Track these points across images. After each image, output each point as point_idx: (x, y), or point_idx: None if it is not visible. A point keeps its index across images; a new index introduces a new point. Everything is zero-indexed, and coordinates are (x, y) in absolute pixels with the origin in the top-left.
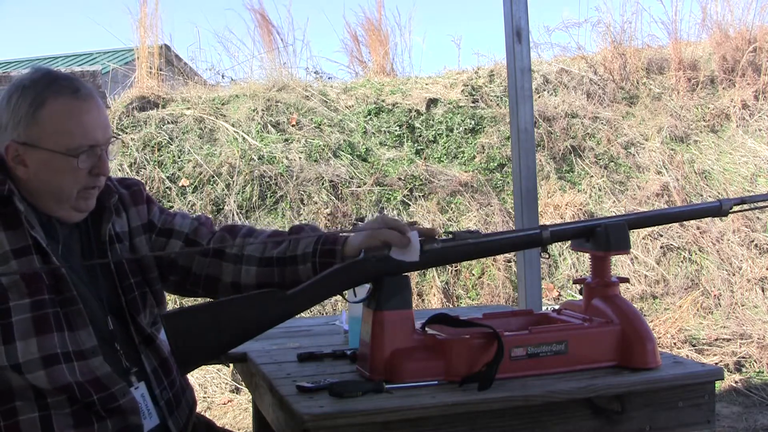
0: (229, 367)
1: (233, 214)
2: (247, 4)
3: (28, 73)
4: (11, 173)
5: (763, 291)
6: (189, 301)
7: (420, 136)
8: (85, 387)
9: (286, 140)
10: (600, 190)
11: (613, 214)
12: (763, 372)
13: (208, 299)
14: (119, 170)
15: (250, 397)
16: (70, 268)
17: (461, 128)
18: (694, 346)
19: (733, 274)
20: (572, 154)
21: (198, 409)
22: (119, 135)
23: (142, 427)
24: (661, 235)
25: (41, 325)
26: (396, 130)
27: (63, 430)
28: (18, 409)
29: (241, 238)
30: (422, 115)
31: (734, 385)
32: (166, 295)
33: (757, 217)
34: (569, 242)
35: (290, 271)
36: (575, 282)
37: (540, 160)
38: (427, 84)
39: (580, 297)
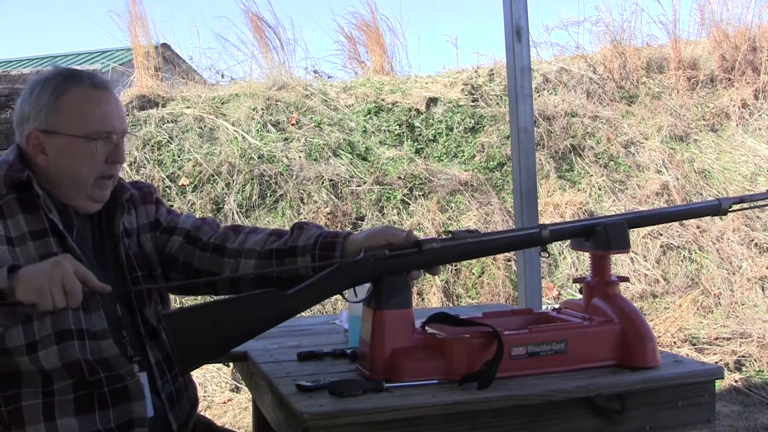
0: (229, 366)
1: (233, 213)
2: (240, 7)
3: (50, 69)
4: (30, 162)
5: (763, 290)
6: (189, 301)
7: (420, 135)
8: (93, 365)
9: (286, 139)
10: (600, 189)
11: (613, 213)
12: (763, 371)
13: (208, 298)
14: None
15: (250, 396)
16: (83, 254)
17: (461, 127)
18: (694, 345)
19: (733, 273)
20: (572, 153)
21: (198, 408)
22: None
23: (146, 420)
24: (661, 234)
25: None
26: (396, 129)
27: (63, 417)
28: (22, 395)
29: (244, 235)
30: (422, 114)
31: (734, 384)
32: (170, 297)
33: (757, 216)
34: (569, 241)
35: (289, 263)
36: (575, 281)
37: (540, 159)
38: (426, 83)
39: (580, 296)
